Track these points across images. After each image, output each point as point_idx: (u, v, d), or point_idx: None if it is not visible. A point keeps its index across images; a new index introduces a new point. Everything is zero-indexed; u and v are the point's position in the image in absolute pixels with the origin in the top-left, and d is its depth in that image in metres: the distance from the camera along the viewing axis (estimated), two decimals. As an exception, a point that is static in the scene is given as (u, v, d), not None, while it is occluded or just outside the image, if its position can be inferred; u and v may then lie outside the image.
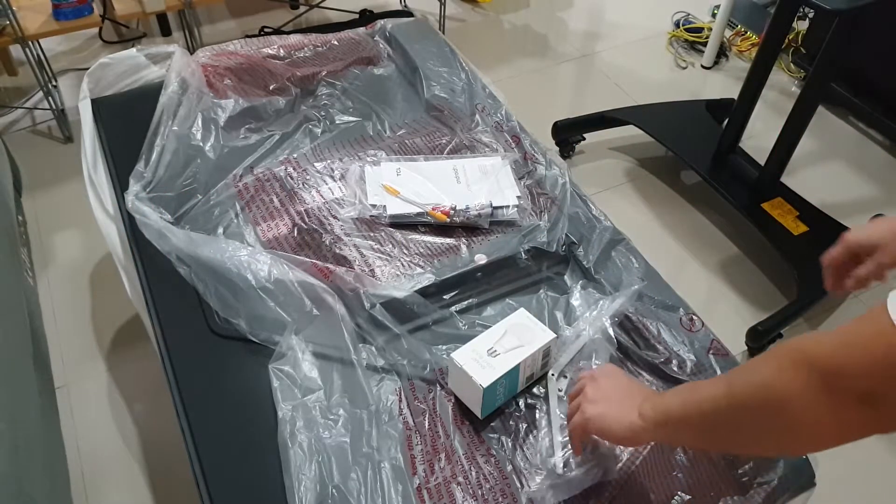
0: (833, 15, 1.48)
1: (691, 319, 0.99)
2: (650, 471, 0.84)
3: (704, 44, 2.51)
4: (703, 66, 2.50)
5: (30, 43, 1.97)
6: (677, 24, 2.65)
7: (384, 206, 1.12)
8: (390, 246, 1.07)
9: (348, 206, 1.13)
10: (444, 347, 0.94)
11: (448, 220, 1.10)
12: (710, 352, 0.96)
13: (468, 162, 1.21)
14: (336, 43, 1.47)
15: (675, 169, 2.08)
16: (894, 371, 0.47)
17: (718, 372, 0.93)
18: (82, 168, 1.24)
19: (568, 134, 2.09)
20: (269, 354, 0.91)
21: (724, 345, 0.98)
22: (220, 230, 1.09)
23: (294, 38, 1.47)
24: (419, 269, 1.03)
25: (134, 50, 1.39)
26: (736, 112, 1.83)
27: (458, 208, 1.11)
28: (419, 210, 1.11)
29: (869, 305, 0.55)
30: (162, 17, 2.57)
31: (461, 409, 0.88)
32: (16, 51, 2.26)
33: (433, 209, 1.10)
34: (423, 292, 0.99)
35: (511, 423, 0.88)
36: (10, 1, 1.87)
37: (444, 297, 1.01)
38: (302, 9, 2.72)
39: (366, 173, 1.17)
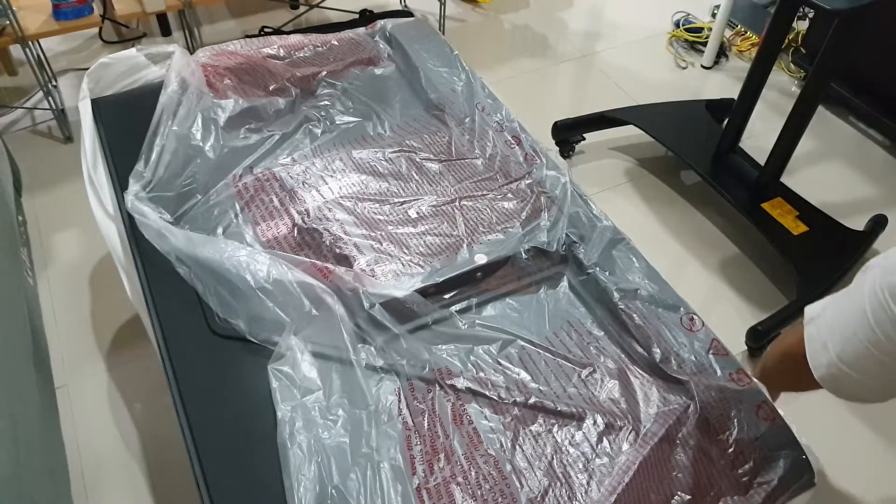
0: (833, 15, 1.48)
1: (691, 319, 0.99)
2: (650, 471, 0.84)
3: (704, 44, 2.51)
4: (703, 66, 2.50)
5: (30, 43, 1.97)
6: (677, 24, 2.65)
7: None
8: (390, 245, 1.07)
9: None
10: (444, 347, 0.94)
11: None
12: (710, 352, 0.96)
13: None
14: (336, 43, 1.47)
15: (675, 169, 2.08)
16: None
17: (718, 372, 0.93)
18: (82, 168, 1.24)
19: (568, 134, 2.09)
20: (268, 355, 0.91)
21: (724, 345, 0.98)
22: (220, 230, 1.09)
23: (294, 38, 1.46)
24: (419, 269, 1.03)
25: (134, 50, 1.38)
26: (736, 112, 1.83)
27: None
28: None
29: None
30: (162, 17, 2.57)
31: (460, 409, 0.88)
32: (16, 51, 2.26)
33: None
34: (423, 292, 0.98)
35: (511, 422, 0.88)
36: (10, 1, 1.87)
37: (444, 296, 1.01)
38: (302, 9, 2.72)
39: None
